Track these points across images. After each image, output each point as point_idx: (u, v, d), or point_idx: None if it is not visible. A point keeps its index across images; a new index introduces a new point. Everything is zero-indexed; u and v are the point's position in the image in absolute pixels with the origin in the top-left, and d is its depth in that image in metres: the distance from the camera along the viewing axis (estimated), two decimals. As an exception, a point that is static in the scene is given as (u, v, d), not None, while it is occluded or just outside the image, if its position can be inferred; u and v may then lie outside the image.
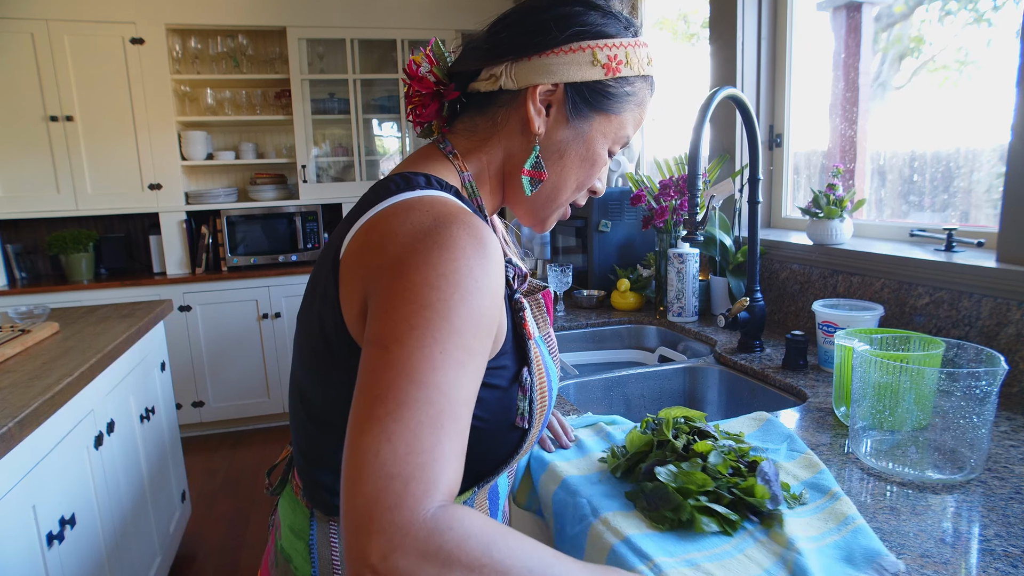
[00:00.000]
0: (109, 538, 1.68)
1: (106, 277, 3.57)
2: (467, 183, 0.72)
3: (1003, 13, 1.35)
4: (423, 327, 0.53)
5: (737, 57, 1.85)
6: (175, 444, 2.46)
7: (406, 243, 0.57)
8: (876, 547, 0.67)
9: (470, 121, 0.74)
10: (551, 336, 0.79)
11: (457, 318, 0.54)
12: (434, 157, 0.72)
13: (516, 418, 0.68)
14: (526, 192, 0.72)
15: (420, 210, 0.60)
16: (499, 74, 0.70)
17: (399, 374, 0.51)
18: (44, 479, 1.36)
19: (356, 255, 0.61)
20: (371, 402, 0.51)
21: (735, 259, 1.74)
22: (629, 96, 0.72)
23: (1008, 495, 0.78)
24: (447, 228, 0.57)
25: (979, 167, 1.41)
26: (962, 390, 0.80)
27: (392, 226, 0.60)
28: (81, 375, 1.52)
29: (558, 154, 0.72)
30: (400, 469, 0.49)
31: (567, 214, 0.79)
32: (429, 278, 0.54)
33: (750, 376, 1.34)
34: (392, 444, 0.49)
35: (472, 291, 0.55)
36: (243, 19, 3.58)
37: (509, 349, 0.67)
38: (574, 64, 0.69)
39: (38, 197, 3.38)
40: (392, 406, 0.50)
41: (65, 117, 3.33)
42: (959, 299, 1.19)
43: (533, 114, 0.69)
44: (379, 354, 0.53)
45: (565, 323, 1.80)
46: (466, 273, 0.55)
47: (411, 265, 0.55)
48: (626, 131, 0.74)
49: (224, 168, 3.95)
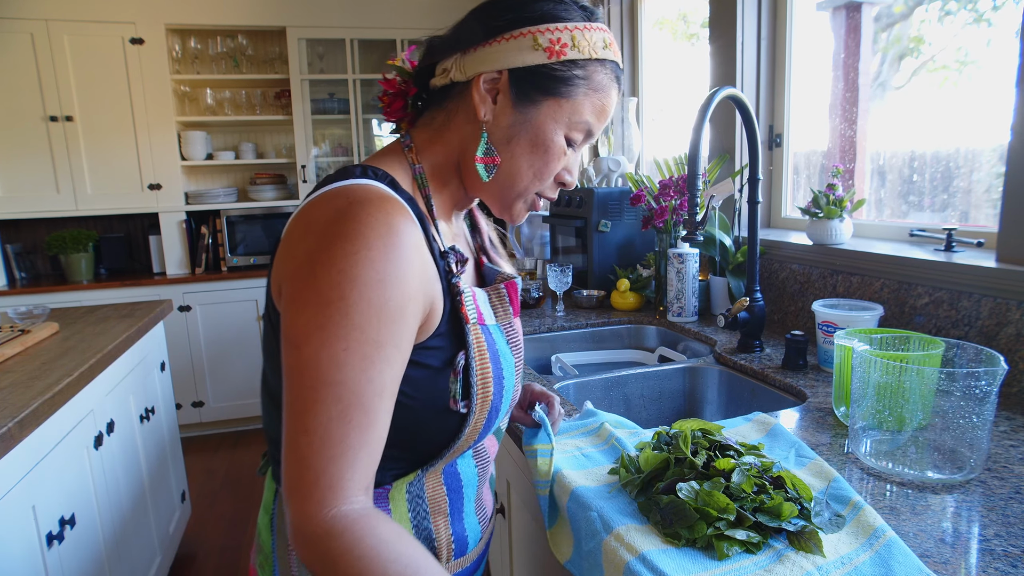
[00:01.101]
0: (109, 538, 1.68)
1: (106, 277, 3.57)
2: (418, 175, 0.74)
3: (1003, 13, 1.35)
4: (326, 326, 0.58)
5: (737, 57, 1.85)
6: (175, 444, 2.45)
7: (317, 235, 0.61)
8: (914, 563, 0.64)
9: (429, 115, 0.77)
10: (513, 326, 0.80)
11: (357, 314, 0.58)
12: (393, 151, 0.76)
13: (449, 400, 0.69)
14: (482, 178, 0.73)
15: (340, 198, 0.63)
16: (450, 67, 0.73)
17: (309, 373, 0.58)
18: (44, 479, 1.36)
19: (284, 243, 0.65)
20: (292, 400, 0.59)
21: (735, 259, 1.74)
22: (580, 79, 0.72)
23: (1008, 495, 0.78)
24: (354, 216, 0.60)
25: (979, 167, 1.41)
26: (962, 390, 0.80)
27: (311, 216, 0.63)
28: (81, 375, 1.52)
29: (506, 140, 0.72)
30: (313, 461, 0.57)
31: (537, 205, 0.79)
32: (331, 275, 0.58)
33: (750, 376, 1.34)
34: (308, 437, 0.57)
35: (373, 284, 0.59)
36: (243, 19, 3.58)
37: (444, 331, 0.69)
38: (514, 50, 0.70)
39: (38, 197, 3.38)
40: (308, 403, 0.58)
41: (65, 117, 3.33)
42: (959, 299, 1.19)
43: (478, 101, 0.71)
44: (293, 353, 0.59)
45: (565, 323, 1.80)
46: (366, 266, 0.59)
47: (317, 261, 0.59)
48: (583, 117, 0.73)
49: (224, 168, 3.95)
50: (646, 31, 2.69)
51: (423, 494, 0.73)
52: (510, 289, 0.80)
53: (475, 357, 0.70)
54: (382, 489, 0.70)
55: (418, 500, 0.72)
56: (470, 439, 0.73)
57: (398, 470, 0.71)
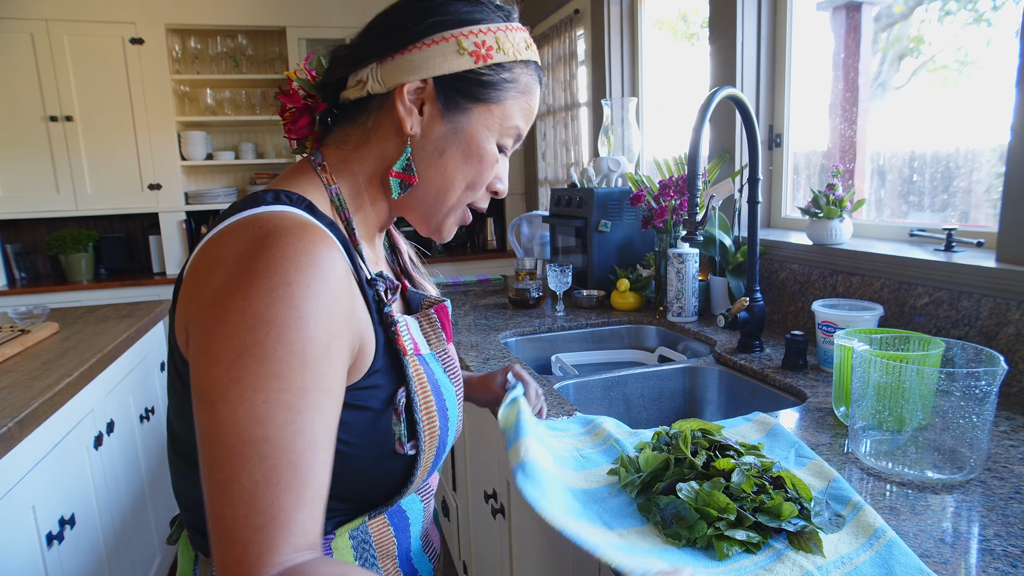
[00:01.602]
0: (109, 538, 1.68)
1: (106, 277, 3.58)
2: (335, 196, 0.68)
3: (1003, 13, 1.35)
4: (242, 378, 0.51)
5: (737, 57, 1.85)
6: (175, 444, 2.45)
7: (228, 273, 0.54)
8: (915, 563, 0.64)
9: (342, 132, 0.71)
10: (448, 353, 0.76)
11: (276, 361, 0.51)
12: (303, 172, 0.69)
13: (395, 443, 0.64)
14: (393, 195, 0.68)
15: (251, 229, 0.57)
16: (365, 78, 0.67)
17: (228, 434, 0.50)
18: (44, 479, 1.36)
19: (188, 283, 0.58)
20: (211, 465, 0.51)
21: (735, 259, 1.74)
22: (508, 83, 0.68)
23: (1008, 495, 0.78)
24: (269, 249, 0.54)
25: (979, 167, 1.41)
26: (961, 390, 0.80)
27: (219, 251, 0.56)
28: (81, 375, 1.52)
29: (437, 152, 0.68)
30: (239, 534, 0.49)
31: (467, 219, 0.75)
32: (245, 319, 0.52)
33: (750, 376, 1.34)
34: (234, 507, 0.50)
35: (293, 324, 0.52)
36: (243, 19, 3.58)
37: (381, 367, 0.64)
38: (439, 56, 0.65)
39: (38, 197, 3.38)
40: (229, 469, 0.50)
41: (65, 117, 3.33)
42: (959, 299, 1.19)
43: (404, 114, 0.66)
44: (207, 412, 0.51)
45: (565, 323, 1.80)
46: (285, 304, 0.52)
47: (229, 305, 0.52)
48: (513, 122, 0.70)
49: (224, 168, 3.95)
50: (646, 31, 2.69)
51: (369, 539, 0.67)
52: (440, 314, 0.75)
53: (417, 391, 0.65)
54: (324, 540, 0.64)
55: (364, 545, 0.67)
56: (419, 481, 0.69)
57: (341, 518, 0.65)
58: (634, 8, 2.71)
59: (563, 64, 3.20)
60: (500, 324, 1.80)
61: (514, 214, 4.15)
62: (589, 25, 2.92)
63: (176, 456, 0.65)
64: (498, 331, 1.72)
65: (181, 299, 0.59)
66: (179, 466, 0.65)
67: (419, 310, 0.77)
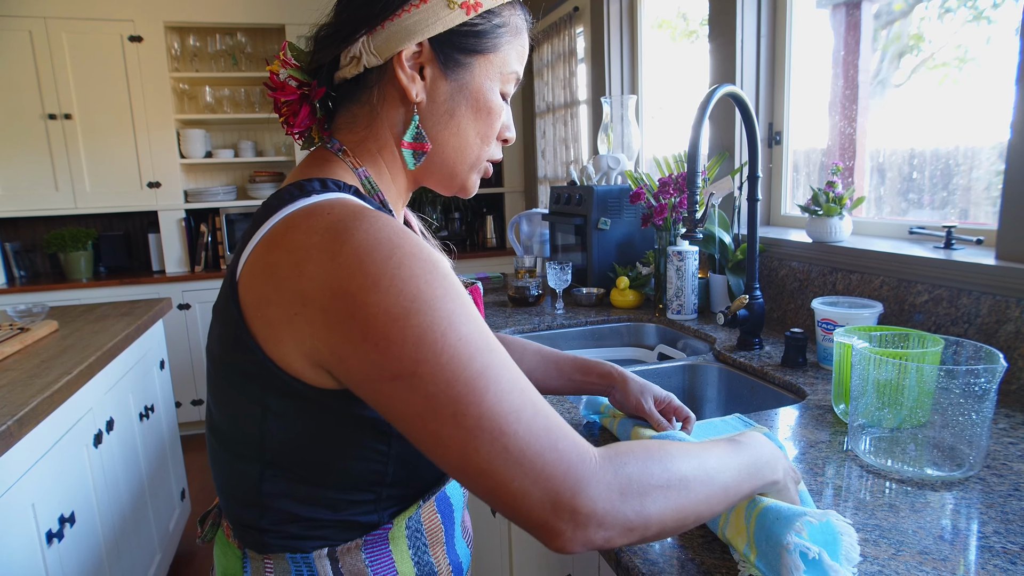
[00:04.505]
0: (109, 536, 1.68)
1: (105, 275, 3.57)
2: (364, 179, 0.66)
3: (1003, 10, 1.35)
4: (424, 335, 0.49)
5: (736, 55, 1.85)
6: (175, 442, 2.46)
7: (324, 265, 0.51)
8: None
9: (349, 114, 0.68)
10: None
11: (441, 302, 0.51)
12: (325, 159, 0.67)
13: None
14: (409, 166, 0.67)
15: (318, 216, 0.55)
16: (359, 53, 0.64)
17: (450, 385, 0.48)
18: (43, 477, 1.36)
19: (266, 277, 0.55)
20: (451, 426, 0.48)
21: (734, 257, 1.74)
22: (501, 28, 0.67)
23: (1007, 492, 0.78)
24: (357, 229, 0.52)
25: (978, 165, 1.41)
26: (961, 387, 0.80)
27: (297, 241, 0.54)
28: (80, 373, 1.52)
29: (448, 114, 0.66)
30: (539, 443, 0.48)
31: (488, 171, 0.74)
32: (385, 289, 0.50)
33: (749, 374, 1.34)
34: (509, 433, 0.48)
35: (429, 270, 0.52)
36: (242, 17, 3.57)
37: None
38: (430, 14, 0.63)
39: (37, 195, 3.38)
40: (475, 410, 0.48)
41: (63, 115, 3.33)
42: (958, 296, 1.19)
43: (407, 83, 0.64)
44: (411, 384, 0.49)
45: (565, 320, 1.80)
46: (410, 260, 0.52)
47: (358, 287, 0.50)
48: (512, 67, 0.69)
49: (223, 166, 3.95)
50: (645, 29, 2.69)
51: (421, 527, 0.67)
52: (474, 294, 0.75)
53: None
54: (382, 530, 0.64)
55: (417, 534, 0.67)
56: None
57: (398, 507, 0.65)
58: (634, 5, 2.71)
59: (563, 62, 3.19)
60: (500, 322, 1.80)
61: (513, 212, 4.14)
62: (589, 22, 2.91)
63: (224, 453, 0.63)
64: (498, 329, 1.72)
65: (254, 301, 0.56)
66: (227, 463, 0.63)
67: None
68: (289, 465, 0.60)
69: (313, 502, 0.61)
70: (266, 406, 0.58)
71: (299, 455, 0.59)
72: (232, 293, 0.58)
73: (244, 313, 0.56)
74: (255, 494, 0.61)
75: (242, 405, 0.59)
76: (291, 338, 0.54)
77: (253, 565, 0.64)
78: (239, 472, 0.62)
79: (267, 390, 0.57)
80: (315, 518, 0.61)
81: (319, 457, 0.59)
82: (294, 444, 0.59)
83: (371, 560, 0.63)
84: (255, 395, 0.58)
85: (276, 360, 0.56)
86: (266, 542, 0.63)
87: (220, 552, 0.69)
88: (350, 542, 0.62)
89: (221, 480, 0.65)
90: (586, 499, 0.47)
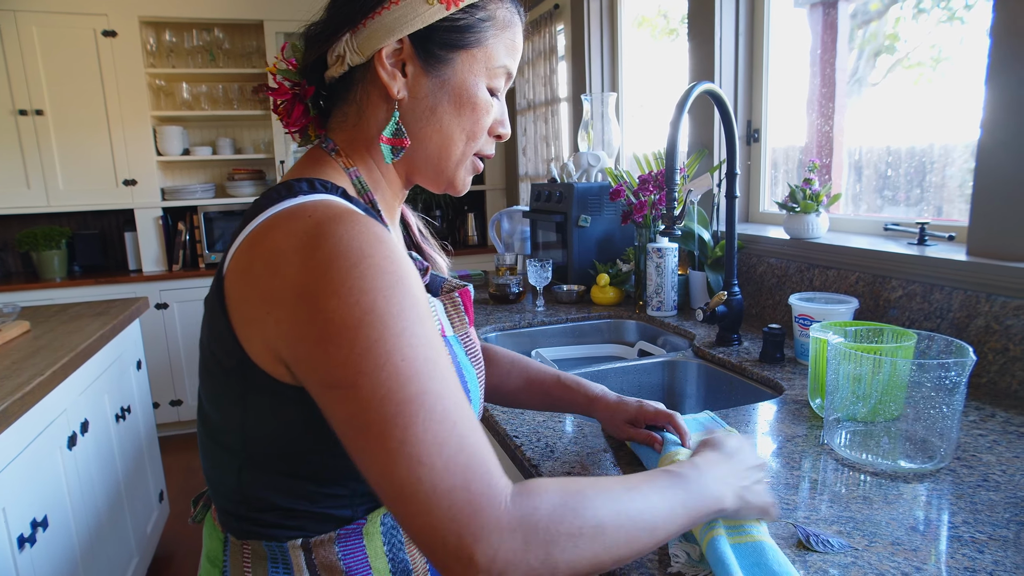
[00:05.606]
0: (83, 540, 1.65)
1: (80, 275, 3.51)
2: (355, 180, 0.67)
3: (975, 11, 1.37)
4: (370, 348, 0.50)
5: (715, 53, 1.86)
6: (152, 443, 2.42)
7: (299, 265, 0.52)
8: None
9: (340, 113, 0.69)
10: (470, 337, 0.75)
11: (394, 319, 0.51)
12: (318, 159, 0.68)
13: None
14: (386, 160, 0.66)
15: (300, 218, 0.55)
16: (343, 52, 0.65)
17: (383, 402, 0.49)
18: (14, 481, 1.34)
19: (245, 276, 0.56)
20: (376, 443, 0.49)
21: (713, 253, 1.75)
22: (486, 22, 0.66)
23: (976, 483, 0.79)
24: (333, 233, 0.53)
25: (952, 162, 1.44)
26: (932, 381, 0.82)
27: (276, 241, 0.55)
28: (53, 374, 1.49)
29: (429, 110, 0.66)
30: (450, 481, 0.47)
31: (478, 168, 0.74)
32: (344, 297, 0.50)
33: (728, 369, 1.35)
34: (427, 464, 0.48)
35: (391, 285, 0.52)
36: (219, 12, 3.52)
37: None
38: (409, 11, 0.63)
39: (7, 193, 3.31)
40: (399, 433, 0.48)
41: (35, 111, 3.26)
42: (931, 292, 1.21)
43: (387, 80, 0.64)
44: (349, 393, 0.50)
45: (545, 318, 1.80)
46: (374, 271, 0.52)
47: (320, 291, 0.51)
48: (500, 61, 0.68)
49: (201, 164, 3.90)
50: (626, 27, 2.70)
51: (397, 525, 0.67)
52: (464, 297, 0.75)
53: None
54: (355, 525, 0.64)
55: (393, 531, 0.67)
56: None
57: (372, 503, 0.66)
58: (614, 3, 2.71)
59: (543, 59, 3.19)
60: (480, 319, 1.80)
61: (494, 209, 4.14)
62: (569, 20, 2.92)
63: (210, 441, 0.65)
64: (479, 326, 1.71)
65: (235, 298, 0.57)
66: (212, 451, 0.65)
67: (437, 293, 0.77)
68: (268, 457, 0.61)
69: (292, 493, 0.62)
70: (246, 399, 0.59)
71: (277, 447, 0.61)
72: (219, 288, 0.59)
73: (227, 309, 0.58)
74: (236, 482, 0.63)
75: (225, 397, 0.61)
76: (262, 336, 0.56)
77: (232, 549, 0.66)
78: (223, 461, 0.64)
79: (246, 384, 0.59)
80: (293, 509, 0.62)
81: (296, 449, 0.61)
82: (272, 436, 0.60)
83: (344, 554, 0.63)
84: (236, 388, 0.59)
85: (252, 356, 0.57)
86: (245, 529, 0.64)
87: (207, 534, 0.71)
88: (324, 535, 0.63)
89: (207, 466, 0.67)
90: (486, 547, 0.47)
